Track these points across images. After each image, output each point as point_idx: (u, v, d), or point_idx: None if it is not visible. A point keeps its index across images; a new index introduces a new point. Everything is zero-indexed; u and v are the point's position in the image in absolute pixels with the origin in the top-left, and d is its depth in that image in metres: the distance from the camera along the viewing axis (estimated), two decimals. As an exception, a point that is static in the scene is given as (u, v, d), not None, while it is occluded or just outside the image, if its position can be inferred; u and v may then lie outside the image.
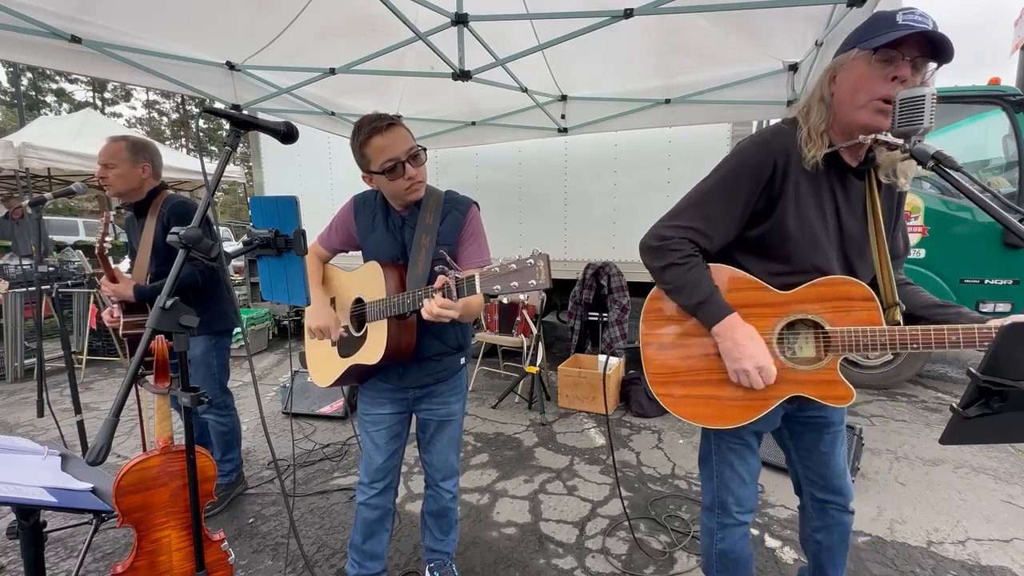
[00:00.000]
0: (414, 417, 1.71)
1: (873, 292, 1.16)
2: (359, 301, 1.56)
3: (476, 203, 1.59)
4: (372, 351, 1.47)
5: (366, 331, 1.52)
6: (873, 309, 1.15)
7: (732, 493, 1.39)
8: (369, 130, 1.40)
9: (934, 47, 1.04)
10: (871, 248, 1.21)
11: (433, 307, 1.22)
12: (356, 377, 1.60)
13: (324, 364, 1.68)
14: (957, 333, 1.06)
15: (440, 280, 1.22)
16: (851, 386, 1.17)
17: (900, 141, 1.01)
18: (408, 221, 1.53)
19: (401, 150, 1.40)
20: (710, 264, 1.25)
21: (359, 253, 1.64)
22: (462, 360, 1.67)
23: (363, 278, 1.53)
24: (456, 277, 1.20)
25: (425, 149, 1.48)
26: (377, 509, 1.66)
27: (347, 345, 1.59)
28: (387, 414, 1.62)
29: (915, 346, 1.09)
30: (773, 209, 1.19)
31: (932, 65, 1.07)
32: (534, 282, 1.08)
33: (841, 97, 1.13)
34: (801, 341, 1.23)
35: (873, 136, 1.03)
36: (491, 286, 1.13)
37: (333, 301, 1.68)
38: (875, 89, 1.07)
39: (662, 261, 1.23)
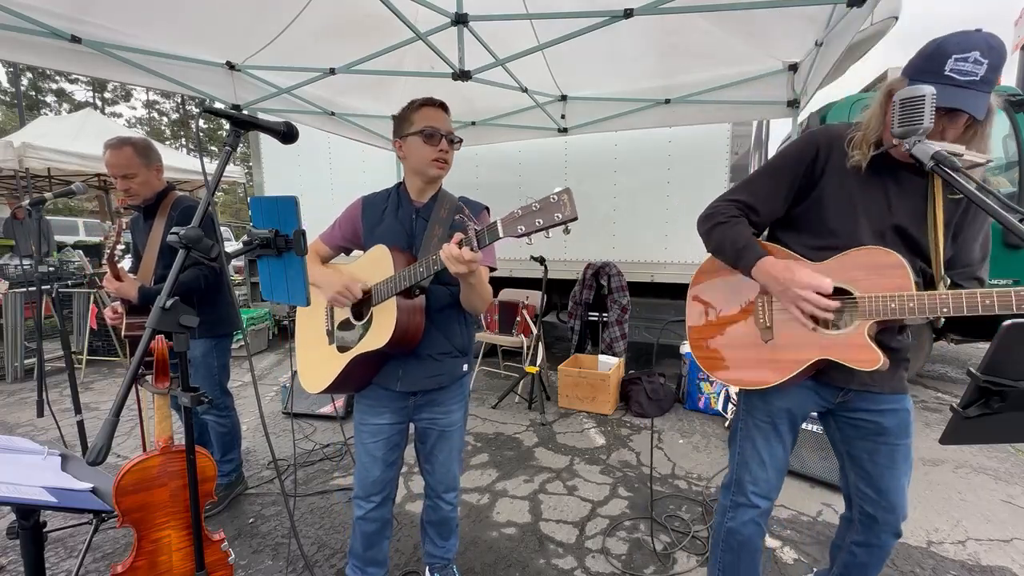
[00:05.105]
0: (412, 426, 1.66)
1: (903, 260, 1.14)
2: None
3: (488, 208, 1.60)
4: (380, 334, 1.41)
5: (370, 317, 1.47)
6: (904, 277, 1.14)
7: (750, 471, 1.40)
8: (424, 101, 1.51)
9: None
10: (927, 240, 1.21)
11: (452, 249, 1.19)
12: (356, 375, 1.54)
13: (318, 366, 1.60)
14: (991, 297, 1.02)
15: (457, 236, 1.20)
16: (880, 352, 1.16)
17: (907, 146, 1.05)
18: (421, 213, 1.54)
19: (445, 127, 1.50)
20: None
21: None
22: (464, 366, 1.62)
23: (370, 261, 1.48)
24: (476, 228, 1.17)
25: (461, 141, 1.56)
26: (376, 522, 1.62)
27: (347, 337, 1.54)
28: (386, 424, 1.57)
29: (945, 310, 1.07)
30: (814, 187, 1.27)
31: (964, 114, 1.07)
32: (560, 215, 1.07)
33: (888, 120, 1.14)
34: (845, 313, 1.23)
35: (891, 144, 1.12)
36: (515, 228, 1.12)
37: None
38: None
39: (710, 223, 1.36)
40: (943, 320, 1.13)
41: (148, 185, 2.15)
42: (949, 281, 1.21)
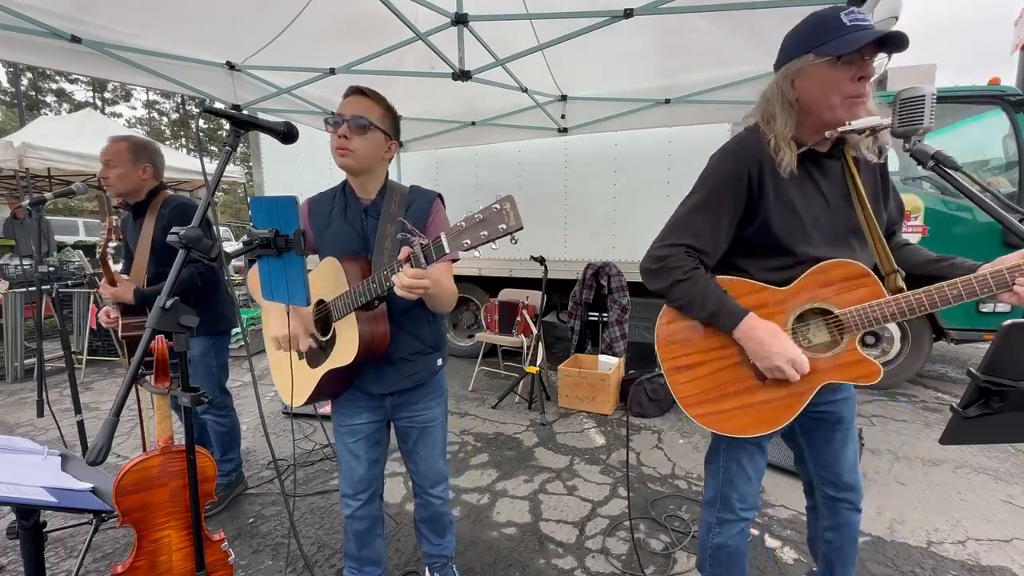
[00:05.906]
0: (392, 425, 1.63)
1: (866, 267, 1.17)
2: (320, 304, 1.45)
3: (440, 195, 1.54)
4: (345, 350, 1.36)
5: (334, 332, 1.42)
6: (872, 284, 1.16)
7: (736, 489, 1.39)
8: (349, 91, 1.45)
9: (887, 42, 1.06)
10: (861, 222, 1.23)
11: (403, 279, 1.14)
12: (331, 387, 1.49)
13: (295, 380, 1.56)
14: (956, 287, 1.06)
15: (404, 251, 1.15)
16: (875, 361, 1.18)
17: (862, 125, 1.08)
18: (371, 211, 1.48)
19: (350, 112, 1.40)
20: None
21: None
22: (439, 362, 1.59)
23: (322, 276, 1.43)
24: (421, 244, 1.12)
25: (388, 136, 1.46)
26: (365, 520, 1.61)
27: (315, 354, 1.49)
28: (363, 423, 1.55)
29: (922, 309, 1.09)
30: (757, 210, 1.23)
31: (883, 55, 1.10)
32: (504, 226, 1.01)
33: (810, 102, 1.16)
34: (814, 330, 1.24)
35: (837, 130, 1.11)
36: (460, 242, 1.06)
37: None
38: (846, 90, 1.11)
39: (667, 280, 1.25)
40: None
41: (125, 180, 2.14)
42: (903, 272, 1.23)
